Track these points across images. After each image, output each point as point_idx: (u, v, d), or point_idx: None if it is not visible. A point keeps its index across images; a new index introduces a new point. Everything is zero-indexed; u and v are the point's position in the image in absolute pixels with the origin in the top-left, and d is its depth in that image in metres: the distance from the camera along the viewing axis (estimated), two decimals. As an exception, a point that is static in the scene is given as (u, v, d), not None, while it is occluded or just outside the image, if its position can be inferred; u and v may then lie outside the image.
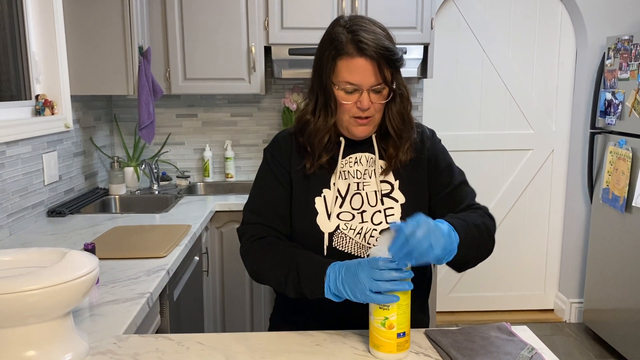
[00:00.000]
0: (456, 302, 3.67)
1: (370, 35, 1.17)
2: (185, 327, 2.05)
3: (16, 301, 0.96)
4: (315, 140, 1.27)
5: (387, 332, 1.05)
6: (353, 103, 1.21)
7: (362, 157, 1.31)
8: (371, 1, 2.88)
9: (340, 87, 1.21)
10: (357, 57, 1.17)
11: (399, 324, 1.05)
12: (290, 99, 3.14)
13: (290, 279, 1.17)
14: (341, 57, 1.19)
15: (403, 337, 1.07)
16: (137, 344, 1.13)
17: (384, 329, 1.05)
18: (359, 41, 1.16)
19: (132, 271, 1.61)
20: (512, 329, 1.20)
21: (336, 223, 1.27)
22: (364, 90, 1.20)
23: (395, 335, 1.06)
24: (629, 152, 2.86)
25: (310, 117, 1.28)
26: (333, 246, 1.26)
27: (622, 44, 2.96)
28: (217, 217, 2.68)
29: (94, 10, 2.53)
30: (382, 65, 1.18)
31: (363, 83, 1.19)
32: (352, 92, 1.20)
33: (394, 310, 1.04)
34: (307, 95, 1.31)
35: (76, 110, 2.66)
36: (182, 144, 3.32)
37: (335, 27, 1.23)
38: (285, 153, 1.33)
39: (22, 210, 2.15)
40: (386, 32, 1.22)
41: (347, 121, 1.25)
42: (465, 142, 3.48)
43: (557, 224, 3.65)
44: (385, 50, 1.17)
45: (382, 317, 1.05)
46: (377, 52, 1.16)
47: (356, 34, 1.18)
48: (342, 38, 1.19)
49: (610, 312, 3.13)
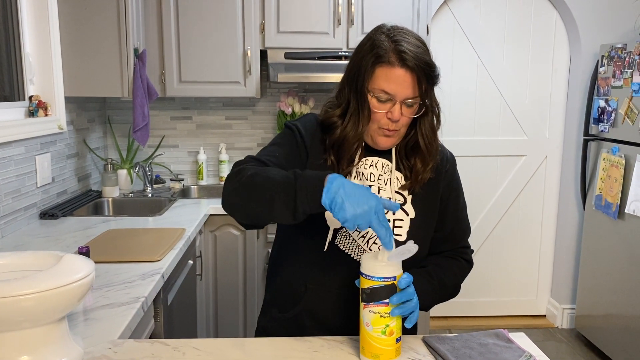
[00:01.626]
0: (448, 308, 3.67)
1: (412, 48, 1.16)
2: (179, 331, 2.04)
3: (11, 305, 0.95)
4: (344, 148, 1.24)
5: (388, 340, 1.04)
6: (384, 113, 1.20)
7: (379, 162, 1.29)
8: (367, 6, 2.89)
9: (374, 95, 1.19)
10: (397, 67, 1.16)
11: (397, 329, 1.05)
12: (285, 102, 3.14)
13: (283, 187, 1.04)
14: (381, 64, 1.17)
15: (399, 342, 1.06)
16: (132, 349, 1.12)
17: (385, 337, 1.04)
18: (401, 51, 1.15)
19: (127, 275, 1.59)
20: (509, 336, 1.19)
21: None
22: (397, 101, 1.18)
23: (395, 341, 1.05)
24: (622, 159, 2.88)
25: (337, 119, 1.25)
26: (335, 243, 1.24)
27: (615, 52, 2.98)
28: (211, 221, 2.67)
29: (89, 12, 2.52)
30: (420, 79, 1.17)
31: (398, 94, 1.17)
32: (385, 101, 1.19)
33: (394, 317, 1.04)
34: (336, 97, 1.28)
35: (70, 111, 2.64)
36: (176, 147, 3.31)
37: (378, 35, 1.21)
38: (310, 133, 1.30)
39: (15, 212, 2.12)
40: (426, 48, 1.21)
41: (374, 130, 1.23)
42: (459, 148, 3.48)
43: (550, 230, 3.67)
44: (426, 65, 1.17)
45: (384, 325, 1.04)
46: (417, 65, 1.15)
47: (399, 44, 1.16)
48: (384, 45, 1.17)
49: (602, 318, 3.14)
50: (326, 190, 1.00)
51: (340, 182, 1.01)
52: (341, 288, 1.24)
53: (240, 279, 2.75)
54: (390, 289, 1.03)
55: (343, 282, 1.23)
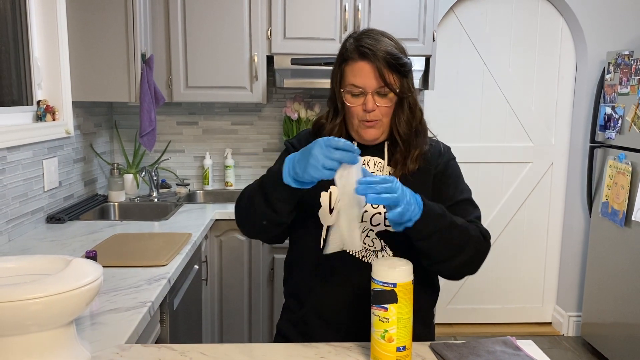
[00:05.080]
0: (454, 314, 3.66)
1: (373, 42, 1.25)
2: (184, 336, 2.04)
3: (19, 309, 0.95)
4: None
5: (387, 345, 1.05)
6: (360, 106, 1.27)
7: (371, 161, 1.34)
8: (374, 13, 2.89)
9: (346, 91, 1.28)
10: (359, 61, 1.25)
11: (398, 337, 1.05)
12: (291, 108, 3.15)
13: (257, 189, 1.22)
14: (346, 62, 1.27)
15: (403, 351, 1.06)
16: (140, 354, 1.12)
17: (383, 341, 1.05)
18: (361, 46, 1.25)
19: (133, 279, 1.59)
20: (517, 344, 1.19)
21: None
22: (368, 92, 1.25)
23: (395, 349, 1.05)
24: (628, 166, 2.87)
25: (324, 121, 1.38)
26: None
27: (622, 59, 2.98)
28: (217, 226, 2.67)
29: (97, 17, 2.53)
30: (384, 69, 1.23)
31: (366, 85, 1.25)
32: (358, 95, 1.27)
33: (393, 323, 1.04)
34: (327, 105, 1.39)
35: (77, 116, 2.65)
36: (182, 152, 3.31)
37: (347, 39, 1.31)
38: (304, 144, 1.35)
39: (22, 216, 2.13)
40: (395, 42, 1.28)
41: (357, 125, 1.30)
42: (465, 154, 3.48)
43: (555, 237, 3.65)
44: (387, 54, 1.23)
45: (382, 329, 1.04)
46: (377, 56, 1.23)
47: (360, 41, 1.26)
48: (348, 46, 1.28)
49: (608, 326, 3.12)
50: (284, 171, 1.13)
51: (291, 157, 1.13)
52: (341, 285, 1.28)
53: (245, 284, 2.75)
54: (390, 294, 1.03)
55: (342, 279, 1.28)
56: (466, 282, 3.62)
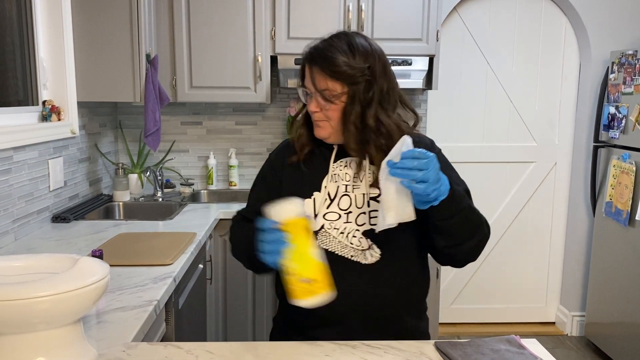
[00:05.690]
0: (458, 314, 3.66)
1: (326, 46, 1.27)
2: (189, 334, 2.05)
3: (27, 307, 0.96)
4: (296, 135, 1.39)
5: (292, 278, 1.13)
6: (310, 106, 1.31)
7: (352, 162, 1.35)
8: (377, 12, 2.90)
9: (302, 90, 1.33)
10: (306, 63, 1.30)
11: (299, 270, 1.11)
12: (295, 108, 3.15)
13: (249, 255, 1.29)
14: (302, 63, 1.33)
15: (308, 283, 1.12)
16: (146, 352, 1.13)
17: (287, 276, 1.13)
18: (310, 49, 1.30)
19: (139, 278, 1.60)
20: (521, 342, 1.19)
21: (322, 222, 1.32)
22: (311, 94, 1.29)
23: (299, 281, 1.12)
24: (632, 166, 2.87)
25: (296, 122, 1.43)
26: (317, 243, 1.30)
27: (626, 59, 2.98)
28: (221, 225, 2.68)
29: (102, 17, 2.54)
30: (318, 74, 1.26)
31: (309, 87, 1.29)
32: (309, 95, 1.30)
33: (289, 257, 1.12)
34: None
35: (82, 116, 2.66)
36: (187, 152, 3.33)
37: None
38: (281, 156, 1.44)
39: (28, 215, 2.14)
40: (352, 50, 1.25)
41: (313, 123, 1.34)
42: (469, 154, 3.49)
43: (559, 237, 3.65)
44: (322, 59, 1.25)
45: (286, 265, 1.13)
46: (316, 61, 1.26)
47: (315, 44, 1.30)
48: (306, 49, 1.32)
49: (612, 326, 3.12)
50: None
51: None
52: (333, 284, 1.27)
53: (249, 283, 2.76)
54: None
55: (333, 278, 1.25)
56: (470, 282, 3.62)
